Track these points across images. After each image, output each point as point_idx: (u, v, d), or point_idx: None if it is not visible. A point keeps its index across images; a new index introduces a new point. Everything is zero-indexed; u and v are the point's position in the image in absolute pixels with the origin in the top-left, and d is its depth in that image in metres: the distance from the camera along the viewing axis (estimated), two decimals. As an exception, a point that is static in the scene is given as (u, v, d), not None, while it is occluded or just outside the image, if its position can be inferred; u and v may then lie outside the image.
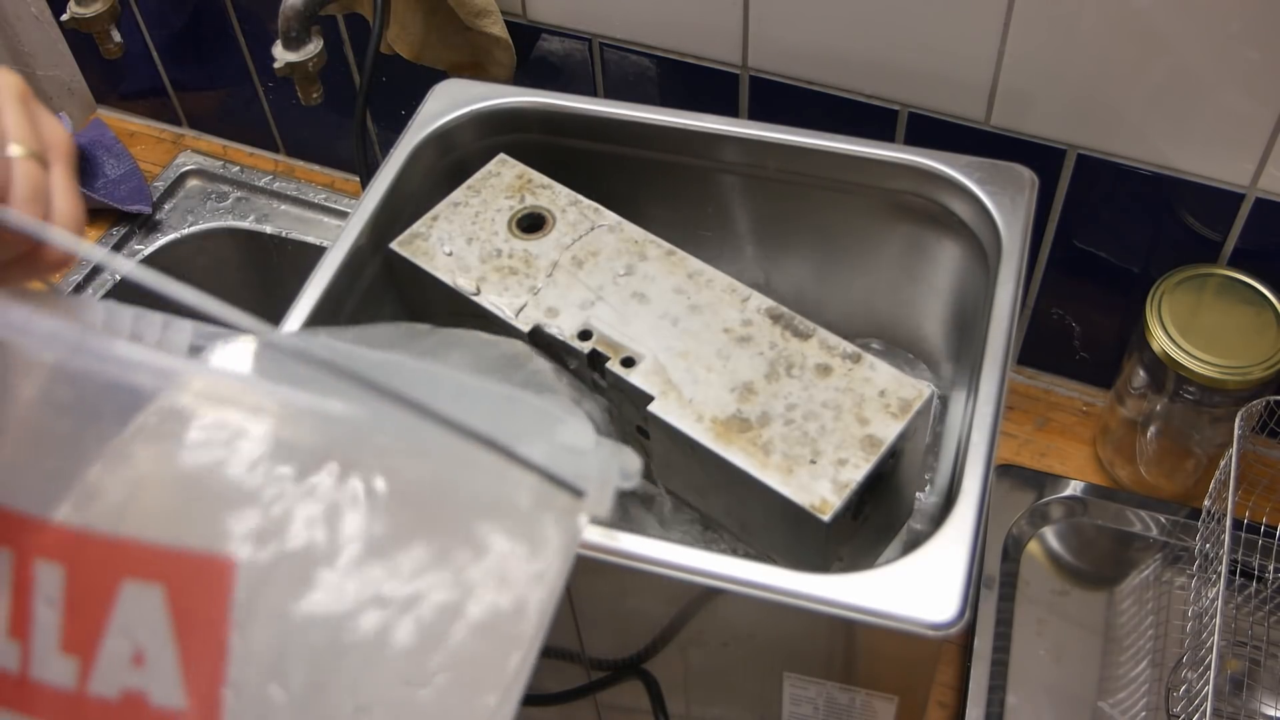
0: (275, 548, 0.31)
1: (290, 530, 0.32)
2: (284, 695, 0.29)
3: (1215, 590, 0.71)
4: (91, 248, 0.33)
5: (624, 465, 0.38)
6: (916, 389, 0.62)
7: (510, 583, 0.34)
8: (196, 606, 0.29)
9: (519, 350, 0.65)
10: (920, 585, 0.54)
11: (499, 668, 0.34)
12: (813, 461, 0.59)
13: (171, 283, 0.31)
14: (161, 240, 1.10)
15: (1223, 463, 0.77)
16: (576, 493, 0.35)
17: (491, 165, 0.75)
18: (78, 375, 0.32)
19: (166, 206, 1.13)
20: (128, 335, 0.32)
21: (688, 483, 0.67)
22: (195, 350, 0.33)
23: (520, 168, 0.75)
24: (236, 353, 0.33)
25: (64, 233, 0.33)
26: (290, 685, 0.30)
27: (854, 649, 0.60)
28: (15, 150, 0.33)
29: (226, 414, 0.32)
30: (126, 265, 0.31)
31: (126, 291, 1.07)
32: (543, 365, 0.65)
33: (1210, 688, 0.67)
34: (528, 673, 0.36)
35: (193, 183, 1.16)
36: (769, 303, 0.66)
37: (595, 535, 0.56)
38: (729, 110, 0.88)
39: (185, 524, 0.30)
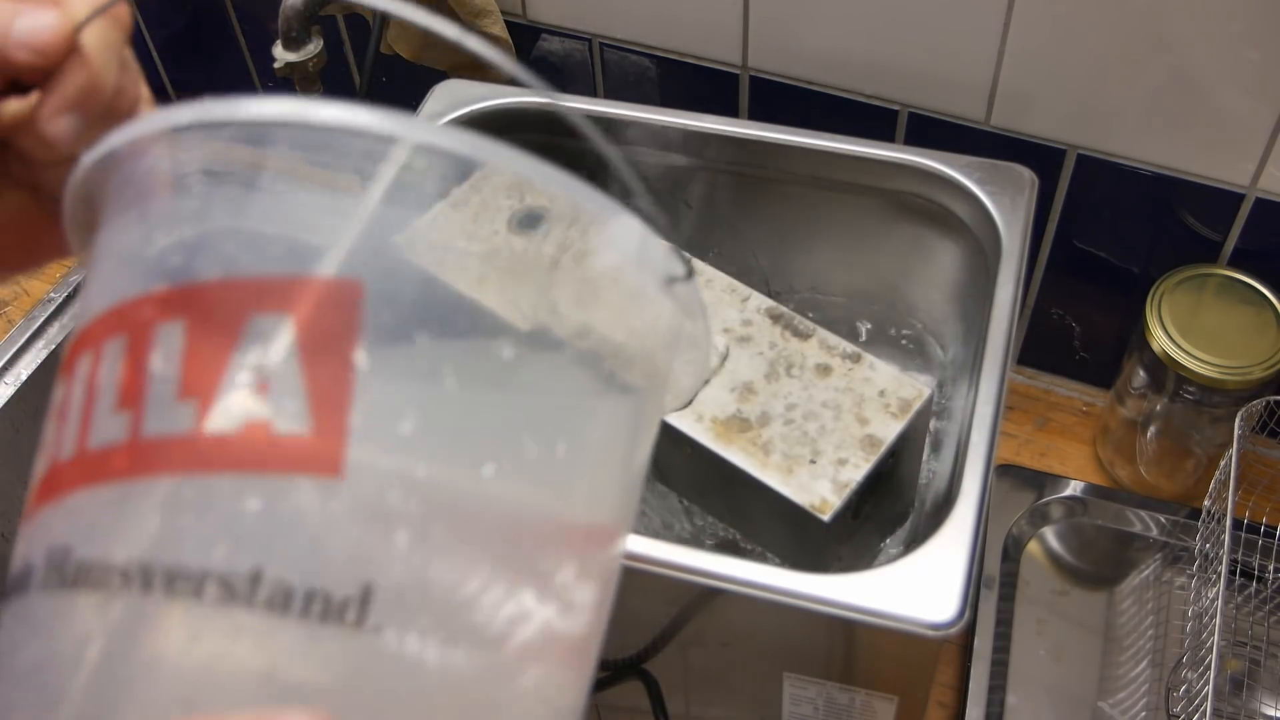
0: None
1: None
2: (410, 427, 0.27)
3: (1215, 590, 0.71)
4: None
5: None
6: (916, 389, 0.62)
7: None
8: (325, 329, 0.27)
9: None
10: (920, 585, 0.54)
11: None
12: (813, 461, 0.59)
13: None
14: (161, 240, 1.10)
15: (1223, 463, 0.77)
16: (689, 270, 0.33)
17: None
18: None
19: (166, 206, 1.13)
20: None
21: (688, 483, 0.67)
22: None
23: (520, 168, 0.75)
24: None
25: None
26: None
27: (854, 649, 0.60)
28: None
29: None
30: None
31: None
32: None
33: (1210, 688, 0.67)
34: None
35: (193, 183, 1.16)
36: (769, 303, 0.66)
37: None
38: (729, 110, 0.88)
39: (312, 256, 0.28)
